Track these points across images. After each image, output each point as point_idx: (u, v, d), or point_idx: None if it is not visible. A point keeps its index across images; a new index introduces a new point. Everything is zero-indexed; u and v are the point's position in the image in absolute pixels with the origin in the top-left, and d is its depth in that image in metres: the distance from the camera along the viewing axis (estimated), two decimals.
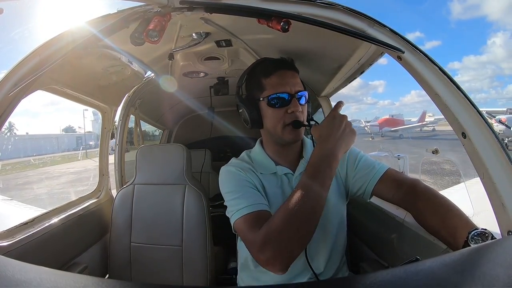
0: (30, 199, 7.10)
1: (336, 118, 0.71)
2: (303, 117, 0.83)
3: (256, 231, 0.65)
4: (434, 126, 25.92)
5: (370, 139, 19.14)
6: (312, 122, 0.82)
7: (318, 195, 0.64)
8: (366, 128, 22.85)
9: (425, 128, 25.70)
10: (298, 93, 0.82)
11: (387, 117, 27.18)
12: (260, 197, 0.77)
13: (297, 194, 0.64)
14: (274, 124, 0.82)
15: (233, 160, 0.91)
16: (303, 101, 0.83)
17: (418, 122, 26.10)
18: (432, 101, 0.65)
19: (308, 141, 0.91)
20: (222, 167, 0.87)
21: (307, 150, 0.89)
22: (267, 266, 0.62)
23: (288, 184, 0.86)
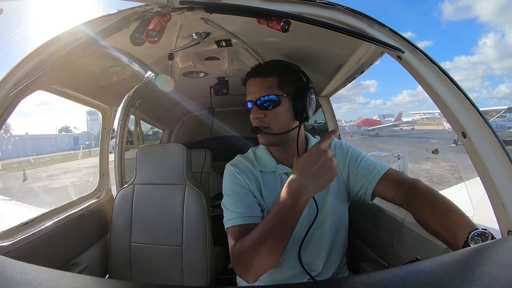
0: (68, 185, 8.83)
1: (313, 155, 0.68)
2: (270, 122, 0.81)
3: (235, 244, 0.72)
4: (413, 126, 27.66)
5: (349, 137, 20.89)
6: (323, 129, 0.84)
7: (283, 227, 0.66)
8: (346, 127, 24.52)
9: (405, 128, 27.54)
10: (260, 99, 0.82)
11: (364, 118, 29.82)
12: (250, 207, 0.80)
13: (267, 222, 0.68)
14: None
15: (237, 157, 0.94)
16: (269, 106, 0.81)
17: (394, 122, 28.17)
18: (432, 101, 0.65)
19: (314, 141, 0.91)
20: (227, 163, 0.90)
21: None
22: (240, 276, 0.70)
23: None
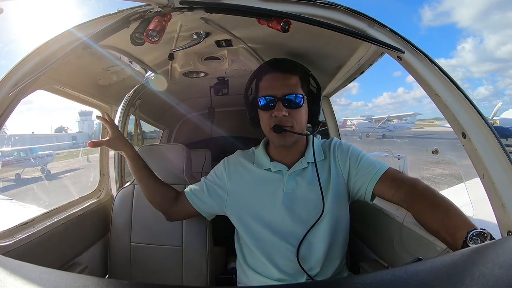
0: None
1: None
2: (293, 122, 0.82)
3: None
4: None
5: None
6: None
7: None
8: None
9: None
10: (286, 96, 0.80)
11: None
12: (201, 193, 0.96)
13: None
14: (264, 126, 0.86)
15: (236, 152, 1.00)
16: (295, 104, 0.81)
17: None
18: (432, 101, 0.65)
19: (315, 140, 0.91)
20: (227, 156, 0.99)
21: (310, 149, 0.89)
22: None
23: (281, 180, 0.88)
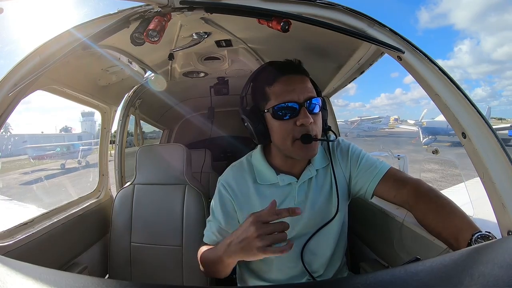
0: None
1: (241, 227, 0.62)
2: (317, 129, 0.74)
3: (201, 252, 0.83)
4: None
5: None
6: (331, 137, 0.80)
7: (214, 268, 0.75)
8: None
9: None
10: (309, 101, 0.72)
11: None
12: (220, 231, 0.82)
13: (210, 255, 0.77)
14: (282, 138, 0.73)
15: (228, 170, 0.87)
16: (316, 109, 0.73)
17: None
18: (432, 101, 0.65)
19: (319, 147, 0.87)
20: (220, 176, 0.87)
21: (317, 156, 0.82)
22: None
23: (291, 192, 0.82)
